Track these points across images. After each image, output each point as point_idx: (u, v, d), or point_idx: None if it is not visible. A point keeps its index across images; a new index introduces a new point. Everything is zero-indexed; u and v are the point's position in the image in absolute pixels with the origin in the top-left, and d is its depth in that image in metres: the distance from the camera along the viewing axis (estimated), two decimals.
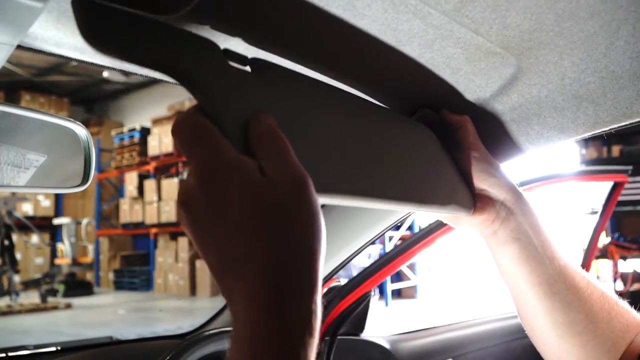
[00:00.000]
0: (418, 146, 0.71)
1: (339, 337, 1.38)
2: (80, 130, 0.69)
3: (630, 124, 0.71)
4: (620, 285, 6.77)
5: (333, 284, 1.41)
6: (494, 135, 0.78)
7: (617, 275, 6.82)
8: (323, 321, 1.30)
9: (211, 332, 1.07)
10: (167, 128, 10.97)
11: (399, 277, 8.51)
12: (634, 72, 0.64)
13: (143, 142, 11.55)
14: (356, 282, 1.42)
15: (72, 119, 0.68)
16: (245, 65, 0.54)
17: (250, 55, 0.57)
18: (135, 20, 0.46)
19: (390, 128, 0.68)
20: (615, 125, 0.71)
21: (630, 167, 2.14)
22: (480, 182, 0.72)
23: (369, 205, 0.59)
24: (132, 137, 11.80)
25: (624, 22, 0.57)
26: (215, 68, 0.50)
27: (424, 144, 0.72)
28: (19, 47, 0.49)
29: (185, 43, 0.49)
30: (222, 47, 0.53)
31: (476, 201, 0.72)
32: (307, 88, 0.61)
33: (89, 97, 13.94)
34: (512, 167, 0.84)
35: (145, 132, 11.61)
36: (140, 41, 0.46)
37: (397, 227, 7.49)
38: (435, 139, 0.74)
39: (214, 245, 0.40)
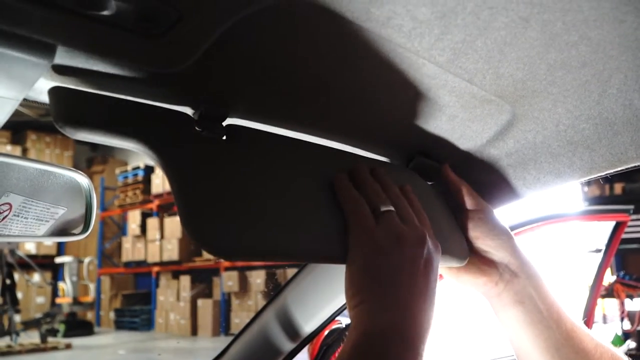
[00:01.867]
0: None
1: None
2: (83, 180, 0.70)
3: (625, 169, 0.71)
4: (627, 325, 6.66)
5: (334, 326, 1.40)
6: (491, 180, 0.79)
7: (624, 315, 6.71)
8: None
9: None
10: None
11: None
12: (627, 119, 0.65)
13: (147, 180, 11.57)
14: None
15: (74, 169, 0.69)
16: (221, 132, 0.56)
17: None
18: (107, 103, 0.51)
19: None
20: (611, 171, 0.72)
21: (631, 207, 2.14)
22: (484, 244, 0.72)
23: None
24: (135, 175, 11.83)
25: (616, 71, 0.58)
26: (183, 141, 0.54)
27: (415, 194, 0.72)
28: (24, 99, 0.50)
29: (154, 120, 0.53)
30: (203, 111, 0.56)
31: (472, 252, 0.72)
32: (285, 149, 0.63)
33: None
34: (514, 209, 0.85)
35: (149, 170, 11.65)
36: (111, 123, 0.50)
37: None
38: (428, 188, 0.75)
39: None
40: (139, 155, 12.74)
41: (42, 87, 0.50)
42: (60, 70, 0.47)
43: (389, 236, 0.57)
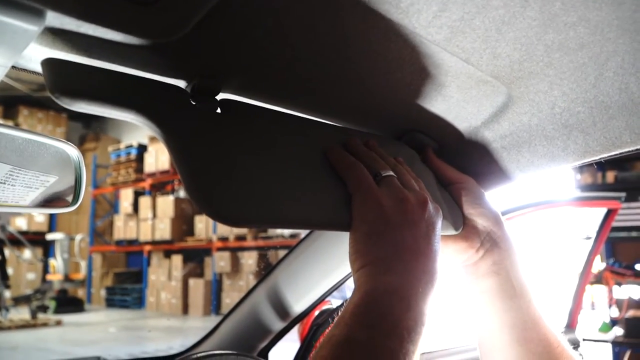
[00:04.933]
0: None
1: None
2: (72, 151, 0.69)
3: (619, 153, 0.71)
4: (615, 312, 6.74)
5: (325, 306, 1.40)
6: (485, 162, 0.79)
7: (612, 302, 6.78)
8: (313, 345, 1.29)
9: (200, 354, 1.06)
10: (163, 145, 10.95)
11: None
12: (622, 103, 0.64)
13: (139, 159, 11.54)
14: None
15: (63, 139, 0.68)
16: (215, 106, 0.56)
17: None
18: (102, 74, 0.50)
19: None
20: (605, 155, 0.71)
21: (623, 194, 2.15)
22: (468, 212, 0.72)
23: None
24: (128, 153, 11.79)
25: (613, 54, 0.58)
26: (180, 113, 0.54)
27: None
28: (13, 67, 0.49)
29: (151, 92, 0.53)
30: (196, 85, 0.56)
31: (464, 223, 0.72)
32: (280, 122, 0.63)
33: (87, 113, 13.94)
34: (504, 193, 0.85)
35: (142, 149, 11.61)
36: (109, 94, 0.50)
37: None
38: (419, 160, 0.76)
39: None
40: (132, 133, 12.70)
41: (31, 54, 0.49)
42: (50, 37, 0.46)
43: (392, 199, 0.58)
